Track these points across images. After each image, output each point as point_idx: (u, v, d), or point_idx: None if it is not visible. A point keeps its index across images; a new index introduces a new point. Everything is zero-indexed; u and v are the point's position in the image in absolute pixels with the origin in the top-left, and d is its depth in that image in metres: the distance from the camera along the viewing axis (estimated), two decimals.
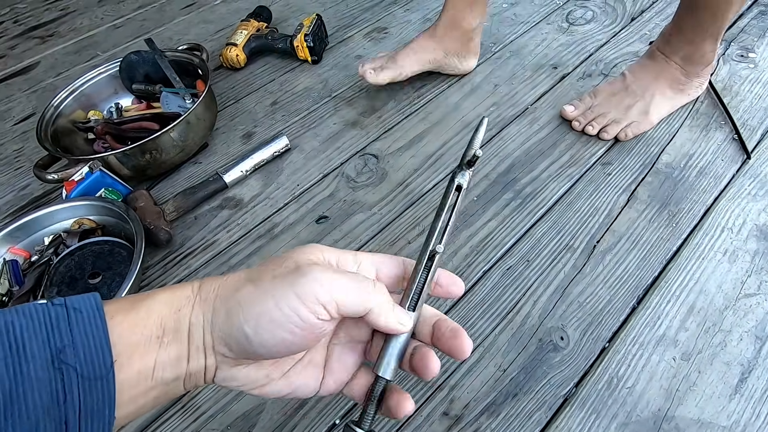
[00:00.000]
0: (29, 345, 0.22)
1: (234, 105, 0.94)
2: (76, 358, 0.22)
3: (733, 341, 0.53)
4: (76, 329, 0.23)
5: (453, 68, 0.89)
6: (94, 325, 0.23)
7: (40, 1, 1.38)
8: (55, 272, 0.63)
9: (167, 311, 0.26)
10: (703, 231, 0.63)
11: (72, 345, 0.22)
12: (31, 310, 0.23)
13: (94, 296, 0.25)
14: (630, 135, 0.74)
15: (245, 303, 0.26)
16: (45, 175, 0.71)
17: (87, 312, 0.24)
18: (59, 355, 0.22)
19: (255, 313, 0.25)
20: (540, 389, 0.51)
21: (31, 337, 0.22)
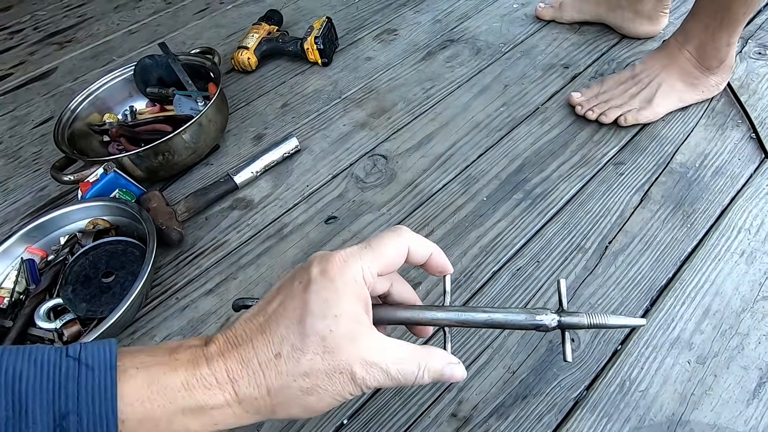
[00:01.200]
0: (32, 406, 0.21)
1: (245, 107, 0.95)
2: (78, 427, 0.22)
3: (751, 344, 0.51)
4: (84, 392, 0.22)
5: (627, 27, 0.89)
6: (103, 387, 0.22)
7: (58, 8, 1.42)
8: (70, 271, 0.64)
9: (196, 425, 0.25)
10: (720, 232, 0.61)
11: (76, 411, 0.22)
12: (42, 358, 0.22)
13: (110, 348, 0.24)
14: (630, 120, 0.73)
15: (310, 410, 0.26)
16: (61, 177, 0.73)
17: (99, 370, 0.23)
18: (62, 421, 0.21)
19: (312, 413, 0.26)
20: (550, 391, 0.50)
21: (36, 395, 0.21)
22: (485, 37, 1.00)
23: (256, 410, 0.26)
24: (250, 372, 0.25)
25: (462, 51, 0.98)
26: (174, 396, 0.24)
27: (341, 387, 0.26)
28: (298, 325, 0.25)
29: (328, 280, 0.26)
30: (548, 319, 0.29)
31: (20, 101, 1.08)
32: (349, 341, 0.26)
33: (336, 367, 0.25)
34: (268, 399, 0.26)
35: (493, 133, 0.80)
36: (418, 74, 0.94)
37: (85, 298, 0.62)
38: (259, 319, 0.27)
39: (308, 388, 0.25)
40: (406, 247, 0.29)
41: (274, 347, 0.25)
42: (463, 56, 0.96)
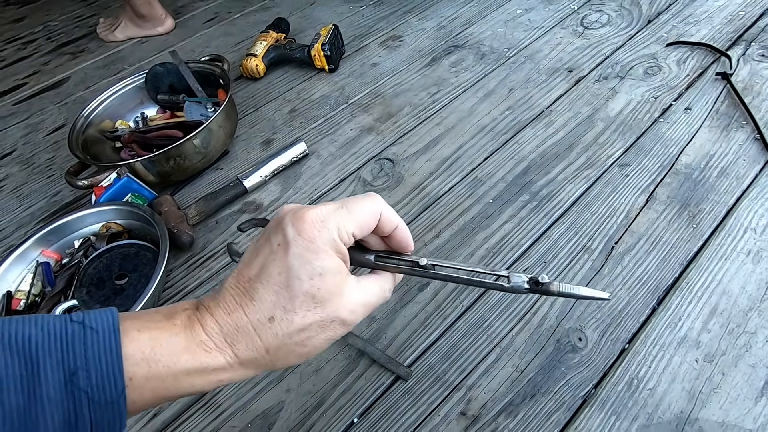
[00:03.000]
0: (44, 364, 0.22)
1: (254, 113, 0.97)
2: (88, 383, 0.23)
3: (759, 343, 0.51)
4: (90, 351, 0.23)
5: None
6: (108, 347, 0.23)
7: (70, 19, 1.46)
8: (85, 274, 0.66)
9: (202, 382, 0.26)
10: (726, 231, 0.62)
11: (85, 368, 0.23)
12: (49, 324, 0.23)
13: (111, 314, 0.25)
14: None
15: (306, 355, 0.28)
16: (75, 182, 0.74)
17: (103, 332, 0.24)
18: (72, 377, 0.22)
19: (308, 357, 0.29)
20: (558, 390, 0.51)
21: (45, 355, 0.22)
22: (489, 42, 1.02)
23: (257, 366, 0.28)
24: (246, 337, 0.26)
25: (467, 56, 0.99)
26: (177, 358, 0.25)
27: (333, 332, 0.28)
28: (286, 289, 0.26)
29: (308, 240, 0.27)
30: (521, 280, 0.30)
31: (34, 110, 1.11)
32: (335, 294, 0.27)
33: (327, 317, 0.27)
34: (267, 357, 0.27)
35: (498, 137, 0.81)
36: (424, 79, 0.96)
37: (99, 299, 0.63)
38: (244, 285, 0.27)
39: (303, 340, 0.27)
40: (379, 212, 0.30)
41: (266, 312, 0.26)
42: (467, 61, 0.98)
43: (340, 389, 0.55)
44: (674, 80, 0.85)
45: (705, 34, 0.93)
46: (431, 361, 0.55)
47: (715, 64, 0.86)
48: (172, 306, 0.28)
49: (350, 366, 0.56)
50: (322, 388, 0.55)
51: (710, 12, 0.98)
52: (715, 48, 0.88)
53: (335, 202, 0.29)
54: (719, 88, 0.81)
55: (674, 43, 0.92)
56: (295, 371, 0.57)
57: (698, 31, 0.94)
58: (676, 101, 0.81)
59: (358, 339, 0.57)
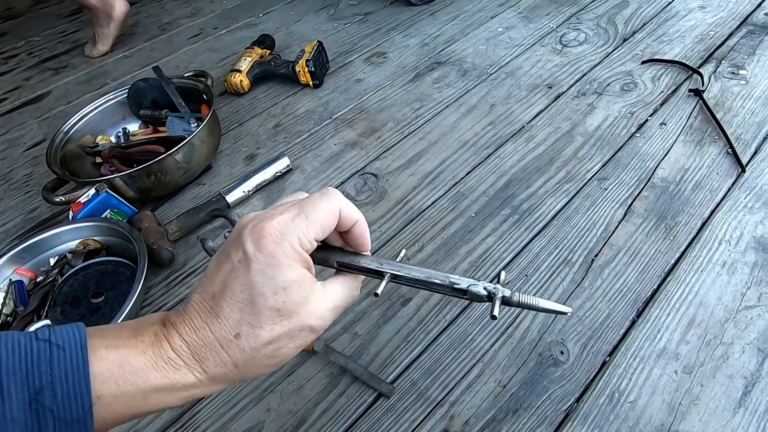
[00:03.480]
0: (7, 383, 0.22)
1: (237, 128, 0.97)
2: (53, 401, 0.22)
3: (735, 354, 0.52)
4: (57, 370, 0.23)
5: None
6: (75, 366, 0.23)
7: (53, 35, 1.45)
8: (59, 292, 0.64)
9: (172, 398, 0.26)
10: (701, 244, 0.63)
11: (51, 387, 0.22)
12: (14, 343, 0.23)
13: (78, 330, 0.24)
14: None
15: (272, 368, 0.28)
16: (53, 198, 0.73)
17: (69, 349, 0.23)
18: (37, 396, 0.22)
19: (279, 366, 0.29)
20: (541, 405, 0.51)
21: (9, 373, 0.22)
22: (471, 59, 1.04)
23: (227, 381, 0.27)
24: (214, 353, 0.26)
25: (449, 73, 1.01)
26: (146, 376, 0.25)
27: (302, 340, 0.28)
28: (251, 305, 0.26)
29: (269, 255, 0.26)
30: (480, 290, 0.30)
31: (13, 124, 1.09)
32: (301, 304, 0.27)
33: (295, 327, 0.27)
34: (236, 371, 0.27)
35: (480, 151, 0.82)
36: (407, 95, 0.97)
37: (74, 318, 0.62)
38: (208, 302, 0.27)
39: (272, 351, 0.27)
40: (338, 210, 0.29)
41: (232, 329, 0.26)
42: (450, 77, 0.99)
43: (322, 408, 0.54)
44: (649, 96, 0.87)
45: (678, 52, 0.96)
46: (414, 378, 0.55)
47: (687, 81, 0.89)
48: (139, 321, 0.28)
49: (332, 384, 0.55)
50: (303, 406, 0.54)
51: (682, 31, 1.01)
52: (687, 66, 0.91)
53: (293, 207, 0.28)
54: (692, 104, 0.84)
55: (649, 60, 0.95)
56: (276, 390, 0.56)
57: (671, 49, 0.97)
58: (652, 117, 0.83)
59: (340, 356, 0.57)
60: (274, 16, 1.34)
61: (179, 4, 1.50)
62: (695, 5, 1.09)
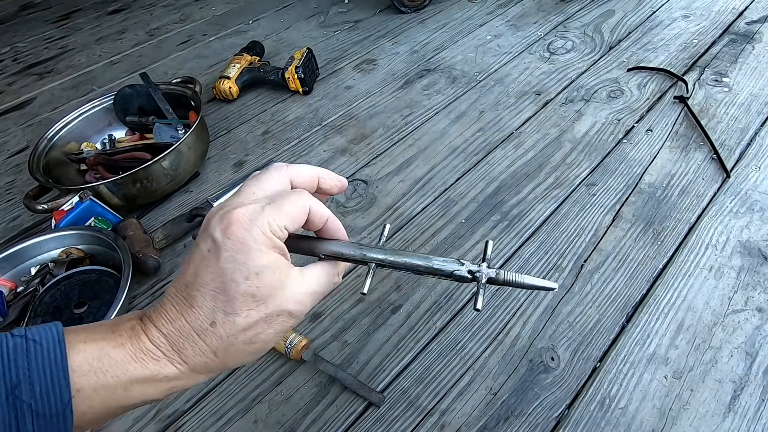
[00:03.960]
0: None
1: (226, 135, 0.96)
2: (31, 395, 0.22)
3: (724, 358, 0.52)
4: (34, 363, 0.22)
5: None
6: (53, 359, 0.23)
7: (39, 41, 1.43)
8: (40, 302, 0.62)
9: (153, 390, 0.26)
10: (688, 248, 0.63)
11: (28, 381, 0.22)
12: None
13: (56, 327, 0.24)
14: None
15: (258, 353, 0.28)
16: (35, 206, 0.71)
17: (47, 344, 0.23)
18: (14, 390, 0.22)
19: (260, 354, 0.28)
20: (532, 412, 0.50)
21: None
22: (461, 66, 1.04)
23: (209, 370, 0.27)
24: (191, 342, 0.26)
25: (439, 80, 1.01)
26: (126, 368, 0.25)
27: (281, 325, 0.28)
28: (223, 293, 0.26)
29: (238, 242, 0.26)
30: (464, 269, 0.30)
31: None
32: (277, 289, 0.27)
33: (272, 312, 0.27)
34: (216, 359, 0.27)
35: (470, 157, 0.82)
36: (397, 102, 0.97)
37: None
38: (182, 293, 0.27)
39: (251, 338, 0.27)
40: (308, 207, 0.29)
41: (207, 317, 0.26)
42: (439, 84, 1.00)
43: (311, 418, 0.52)
44: (636, 103, 0.88)
45: (662, 60, 0.98)
46: (404, 386, 0.54)
47: (672, 88, 0.91)
48: (117, 319, 0.28)
49: (321, 393, 0.54)
50: (292, 417, 0.53)
51: (666, 40, 1.03)
52: (672, 73, 0.93)
53: (262, 198, 0.28)
54: (677, 111, 0.85)
55: (634, 68, 0.97)
56: (263, 400, 0.55)
57: (656, 57, 0.99)
58: (638, 123, 0.84)
59: (329, 365, 0.56)
60: (264, 23, 1.33)
61: (168, 10, 1.50)
62: (678, 14, 1.11)
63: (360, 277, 0.66)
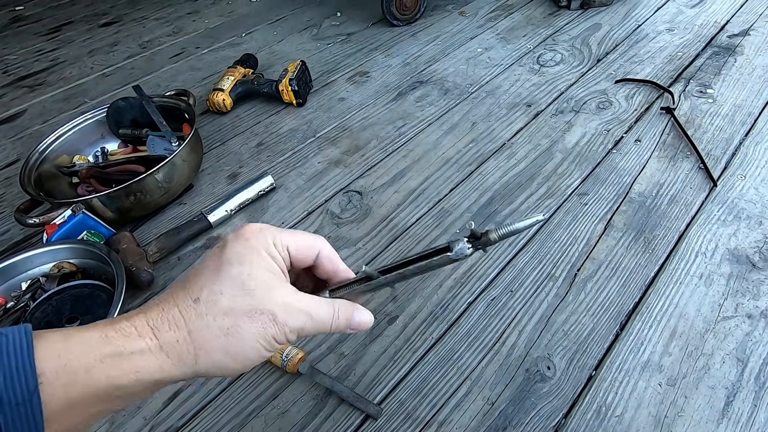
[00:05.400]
0: None
1: (220, 147, 0.96)
2: None
3: (716, 364, 0.53)
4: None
5: None
6: (19, 348, 0.22)
7: (30, 53, 1.42)
8: (31, 318, 0.61)
9: (117, 372, 0.24)
10: (679, 256, 0.65)
11: None
12: None
13: (25, 326, 0.24)
14: None
15: (238, 356, 0.26)
16: (26, 220, 0.71)
17: (13, 336, 0.23)
18: None
19: (239, 361, 0.26)
20: (529, 421, 0.50)
21: None
22: (453, 78, 1.06)
23: (178, 357, 0.25)
24: (170, 317, 0.26)
25: (431, 91, 1.03)
26: (91, 345, 0.24)
27: (262, 328, 0.26)
28: (216, 272, 0.27)
29: (243, 239, 0.28)
30: (462, 246, 0.29)
31: None
32: (266, 288, 0.27)
33: (255, 307, 0.26)
34: (189, 341, 0.25)
35: (463, 168, 0.83)
36: (390, 113, 0.98)
37: None
38: (181, 281, 0.28)
39: (228, 328, 0.26)
40: (317, 248, 0.30)
41: (193, 294, 0.26)
42: (432, 96, 1.01)
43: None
44: (624, 114, 0.90)
45: (649, 72, 1.00)
46: (402, 398, 0.54)
47: (659, 99, 0.93)
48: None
49: (318, 406, 0.54)
50: (289, 431, 0.52)
51: (652, 52, 1.06)
52: (658, 85, 0.95)
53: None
54: (665, 122, 0.87)
55: (622, 80, 0.99)
56: (260, 414, 0.54)
57: (642, 69, 1.01)
58: (627, 133, 0.86)
59: (326, 377, 0.55)
60: (257, 36, 1.35)
61: (160, 23, 1.50)
62: (663, 28, 1.14)
63: None
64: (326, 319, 0.29)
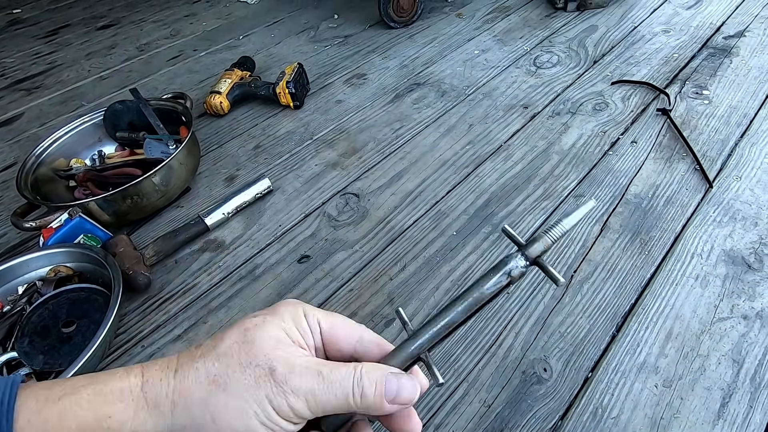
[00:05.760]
0: None
1: (217, 150, 0.96)
2: None
3: (712, 366, 0.53)
4: None
5: None
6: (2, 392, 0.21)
7: (28, 56, 1.42)
8: (28, 322, 0.61)
9: (90, 418, 0.22)
10: (675, 257, 0.65)
11: None
12: None
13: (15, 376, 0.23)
14: None
15: (220, 417, 0.22)
16: (22, 223, 0.70)
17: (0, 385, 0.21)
18: None
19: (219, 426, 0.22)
20: (526, 423, 0.50)
21: None
22: (450, 80, 1.06)
23: (155, 401, 0.22)
24: (166, 359, 0.24)
25: (428, 93, 1.03)
26: (72, 383, 0.22)
27: (255, 382, 0.22)
28: (231, 325, 0.25)
29: (272, 306, 0.26)
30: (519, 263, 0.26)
31: None
32: (272, 341, 0.24)
33: (253, 359, 0.23)
34: (172, 383, 0.23)
35: (460, 170, 0.83)
36: (387, 116, 0.98)
37: (42, 350, 0.59)
38: None
39: (216, 375, 0.22)
40: (360, 331, 0.27)
41: (198, 345, 0.25)
42: (429, 98, 1.01)
43: None
44: (620, 116, 0.91)
45: (645, 73, 1.00)
46: None
47: (655, 101, 0.93)
48: None
49: None
50: None
51: (648, 54, 1.06)
52: (654, 86, 0.95)
53: None
54: (661, 123, 0.88)
55: (618, 81, 0.99)
56: None
57: (639, 71, 1.01)
58: (623, 135, 0.86)
59: None
60: (255, 39, 1.35)
61: (158, 26, 1.50)
62: (659, 29, 1.14)
63: (353, 291, 0.66)
64: (345, 379, 0.23)
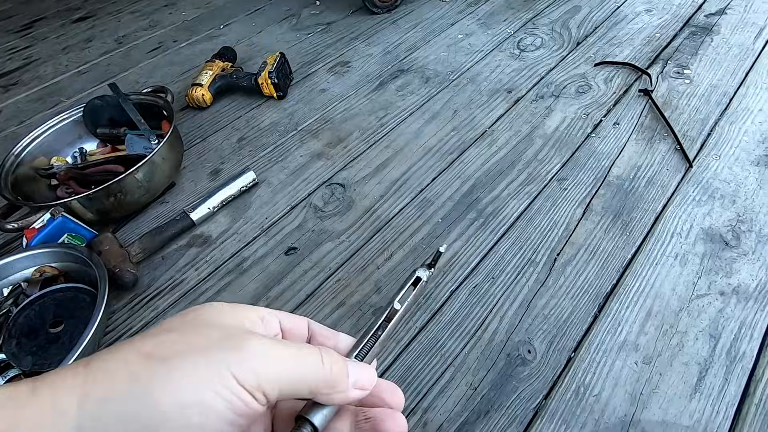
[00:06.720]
0: None
1: (201, 143, 0.95)
2: None
3: (690, 341, 0.55)
4: None
5: None
6: None
7: (2, 51, 1.39)
8: (14, 324, 0.61)
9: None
10: (655, 237, 0.66)
11: None
12: None
13: None
14: None
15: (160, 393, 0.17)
16: (4, 225, 0.70)
17: None
18: None
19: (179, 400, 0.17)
20: (511, 404, 0.52)
21: None
22: (433, 66, 1.05)
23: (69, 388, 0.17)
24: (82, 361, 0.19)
25: (412, 80, 1.02)
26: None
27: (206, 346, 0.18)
28: None
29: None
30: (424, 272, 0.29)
31: None
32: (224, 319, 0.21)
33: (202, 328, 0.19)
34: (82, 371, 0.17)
35: (445, 157, 0.84)
36: (372, 104, 0.98)
37: (30, 351, 0.59)
38: None
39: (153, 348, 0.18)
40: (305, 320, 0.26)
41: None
42: (413, 85, 1.01)
43: None
44: (603, 97, 0.91)
45: (627, 54, 1.01)
46: None
47: (637, 81, 0.93)
48: None
49: None
50: None
51: (631, 34, 1.06)
52: (636, 67, 0.96)
53: None
54: (642, 104, 0.88)
55: (601, 63, 0.99)
56: None
57: (621, 51, 1.02)
58: (606, 117, 0.87)
59: None
60: (236, 28, 1.32)
61: (136, 17, 1.47)
62: (642, 8, 1.14)
63: (340, 281, 0.67)
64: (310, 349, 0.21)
